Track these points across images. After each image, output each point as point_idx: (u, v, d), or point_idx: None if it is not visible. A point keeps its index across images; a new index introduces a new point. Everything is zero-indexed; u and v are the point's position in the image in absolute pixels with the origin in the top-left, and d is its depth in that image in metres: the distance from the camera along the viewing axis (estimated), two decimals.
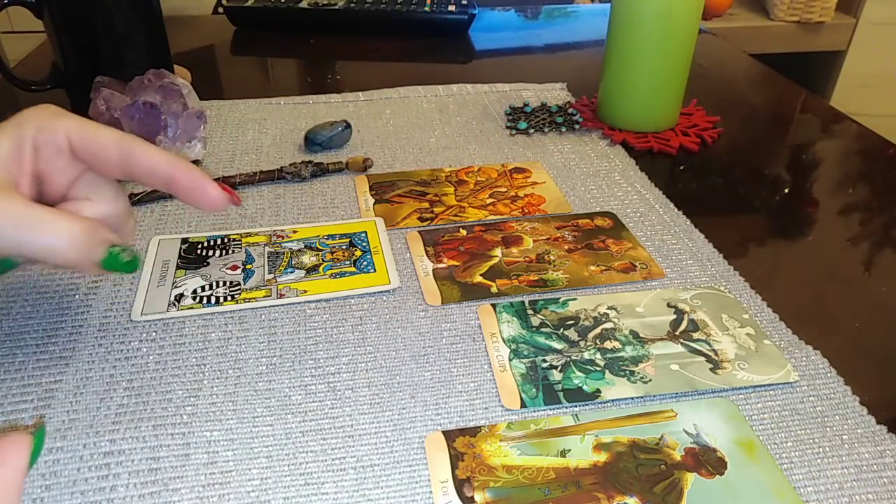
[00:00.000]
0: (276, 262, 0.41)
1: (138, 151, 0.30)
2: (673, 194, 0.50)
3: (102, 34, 0.56)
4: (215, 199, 0.32)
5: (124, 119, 0.47)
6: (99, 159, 0.30)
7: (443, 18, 0.82)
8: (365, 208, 0.47)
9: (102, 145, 0.30)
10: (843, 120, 0.64)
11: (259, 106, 0.62)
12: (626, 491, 0.28)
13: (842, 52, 1.50)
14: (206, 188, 0.32)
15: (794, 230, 0.48)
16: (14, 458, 0.20)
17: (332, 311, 0.38)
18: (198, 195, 0.32)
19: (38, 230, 0.27)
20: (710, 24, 1.36)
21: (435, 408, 0.32)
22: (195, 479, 0.29)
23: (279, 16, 0.82)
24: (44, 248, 0.27)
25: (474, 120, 0.61)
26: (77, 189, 0.31)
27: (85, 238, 0.28)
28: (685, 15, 0.54)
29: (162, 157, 0.31)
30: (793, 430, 0.31)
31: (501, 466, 0.29)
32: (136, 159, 0.30)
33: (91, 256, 0.29)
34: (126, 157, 0.30)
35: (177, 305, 0.38)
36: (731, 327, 0.37)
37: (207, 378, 0.33)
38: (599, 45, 0.75)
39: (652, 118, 0.58)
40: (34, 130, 0.30)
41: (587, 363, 0.35)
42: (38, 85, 0.59)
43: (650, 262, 0.42)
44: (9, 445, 0.20)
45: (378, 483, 0.29)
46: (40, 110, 0.30)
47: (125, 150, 0.30)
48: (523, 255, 0.43)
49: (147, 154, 0.31)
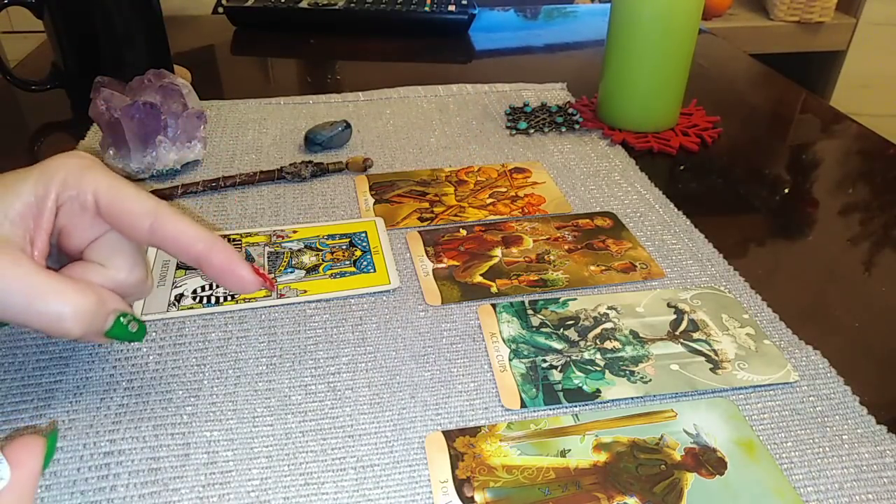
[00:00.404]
0: (276, 262, 0.41)
1: (171, 226, 0.29)
2: (673, 194, 0.50)
3: (102, 34, 0.57)
4: (248, 283, 0.30)
5: (124, 119, 0.47)
6: (126, 226, 0.29)
7: (443, 18, 0.82)
8: (365, 208, 0.47)
9: (134, 213, 0.28)
10: (843, 120, 0.64)
11: (259, 106, 0.62)
12: (626, 491, 0.28)
13: (842, 52, 1.50)
14: (239, 271, 0.30)
15: (794, 230, 0.48)
16: (28, 461, 0.20)
17: (332, 311, 0.38)
18: (230, 278, 0.30)
19: (46, 299, 0.26)
20: (710, 24, 1.36)
21: (435, 408, 0.32)
22: (195, 479, 0.29)
23: (279, 16, 0.82)
24: (51, 318, 0.26)
25: (474, 120, 0.61)
26: (94, 251, 0.30)
27: (92, 312, 0.27)
28: (685, 15, 0.54)
29: (196, 235, 0.29)
30: (793, 430, 0.31)
31: (501, 466, 0.29)
32: (167, 233, 0.29)
33: (97, 328, 0.28)
34: (156, 230, 0.28)
35: (177, 305, 0.38)
36: (731, 327, 0.37)
37: (207, 378, 0.33)
38: (599, 45, 0.75)
39: (652, 118, 0.58)
40: (60, 185, 0.28)
41: (587, 363, 0.35)
42: (38, 85, 0.59)
43: (650, 262, 0.42)
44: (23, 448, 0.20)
45: (378, 483, 0.29)
46: (70, 161, 0.28)
47: (157, 223, 0.28)
48: (523, 255, 0.43)
49: (179, 230, 0.29)
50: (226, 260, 0.29)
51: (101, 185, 0.28)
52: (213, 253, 0.29)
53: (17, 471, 0.20)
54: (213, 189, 0.49)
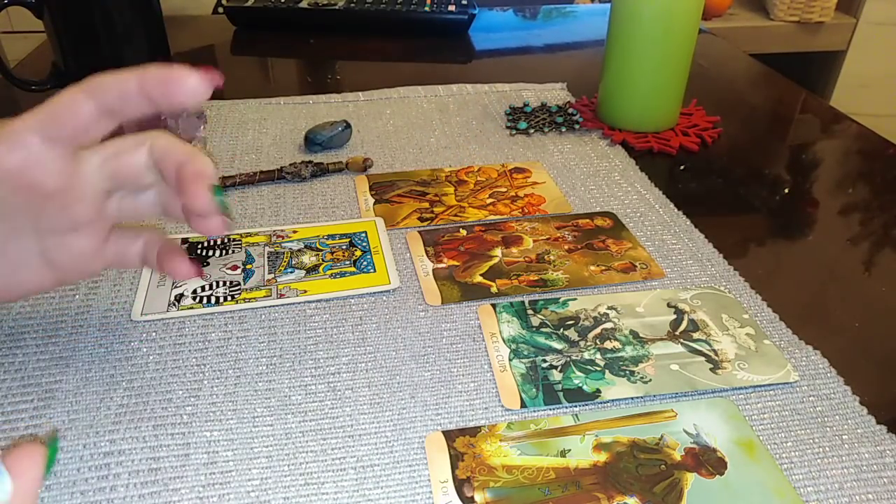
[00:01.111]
0: (276, 262, 0.41)
1: (99, 80, 0.28)
2: (673, 194, 0.50)
3: (102, 34, 0.57)
4: (193, 85, 0.28)
5: None
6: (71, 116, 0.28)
7: (443, 18, 0.82)
8: (365, 208, 0.47)
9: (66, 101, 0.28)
10: (843, 120, 0.64)
11: (259, 106, 0.62)
12: (626, 491, 0.28)
13: (842, 52, 1.50)
14: (179, 75, 0.28)
15: (794, 230, 0.48)
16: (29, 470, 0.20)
17: (332, 311, 0.38)
18: (172, 84, 0.28)
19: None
20: (710, 24, 1.36)
21: (435, 408, 0.32)
22: (195, 479, 0.29)
23: (279, 16, 0.82)
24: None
25: (474, 120, 0.61)
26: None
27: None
28: (685, 15, 0.54)
29: (126, 74, 0.28)
30: (793, 430, 0.31)
31: (501, 466, 0.29)
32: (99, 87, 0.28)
33: None
34: (91, 93, 0.28)
35: (177, 305, 0.38)
36: (731, 327, 0.37)
37: (207, 378, 0.33)
38: (599, 45, 0.75)
39: (652, 118, 0.58)
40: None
41: (587, 363, 0.35)
42: (38, 85, 0.59)
43: (650, 262, 0.42)
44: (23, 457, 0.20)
45: (378, 483, 0.29)
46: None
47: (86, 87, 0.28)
48: (523, 255, 0.43)
49: (109, 76, 0.28)
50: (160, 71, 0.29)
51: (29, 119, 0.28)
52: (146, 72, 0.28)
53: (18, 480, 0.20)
54: None
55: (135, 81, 0.28)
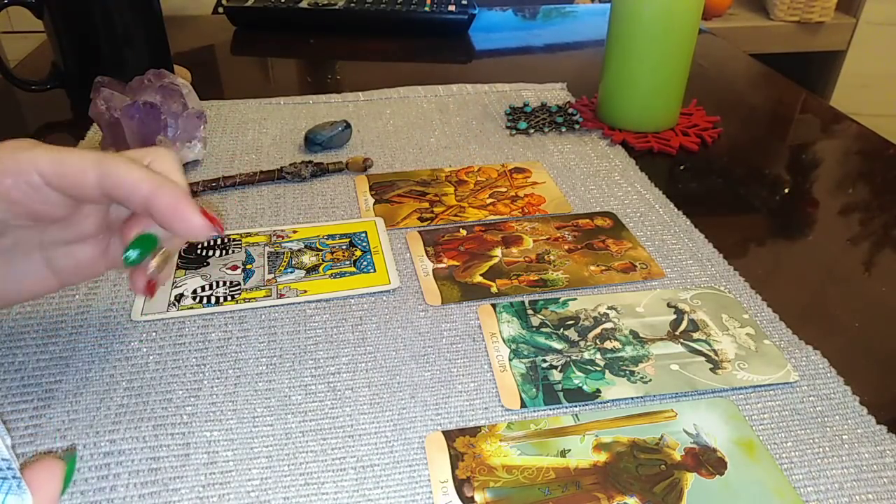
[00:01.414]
0: (276, 262, 0.41)
1: (115, 171, 0.27)
2: (673, 194, 0.50)
3: (102, 34, 0.57)
4: (196, 227, 0.28)
5: (124, 119, 0.47)
6: (73, 186, 0.27)
7: (443, 18, 0.82)
8: (365, 208, 0.47)
9: (77, 170, 0.27)
10: (843, 120, 0.64)
11: (259, 106, 0.62)
12: (626, 491, 0.28)
13: (842, 52, 1.50)
14: (187, 214, 0.28)
15: (794, 230, 0.48)
16: (46, 484, 0.20)
17: (332, 311, 0.38)
18: (178, 221, 0.28)
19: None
20: (710, 24, 1.36)
21: (435, 408, 0.32)
22: (195, 479, 0.29)
23: (279, 16, 0.82)
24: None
25: (474, 120, 0.61)
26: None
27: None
28: (685, 15, 0.54)
29: (141, 177, 0.27)
30: (793, 430, 0.31)
31: (501, 466, 0.29)
32: (113, 180, 0.27)
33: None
34: (103, 180, 0.27)
35: (177, 305, 0.38)
36: (731, 327, 0.37)
37: (207, 378, 0.33)
38: (599, 45, 0.75)
39: (652, 118, 0.58)
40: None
41: (587, 363, 0.35)
42: (38, 85, 0.59)
43: (650, 262, 0.42)
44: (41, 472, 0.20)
45: (378, 483, 0.29)
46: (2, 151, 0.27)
47: (101, 173, 0.27)
48: (523, 255, 0.43)
49: (123, 173, 0.27)
50: (172, 202, 0.28)
51: (40, 159, 0.27)
52: (160, 194, 0.27)
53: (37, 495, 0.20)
54: (213, 189, 0.49)
55: (146, 193, 0.28)
